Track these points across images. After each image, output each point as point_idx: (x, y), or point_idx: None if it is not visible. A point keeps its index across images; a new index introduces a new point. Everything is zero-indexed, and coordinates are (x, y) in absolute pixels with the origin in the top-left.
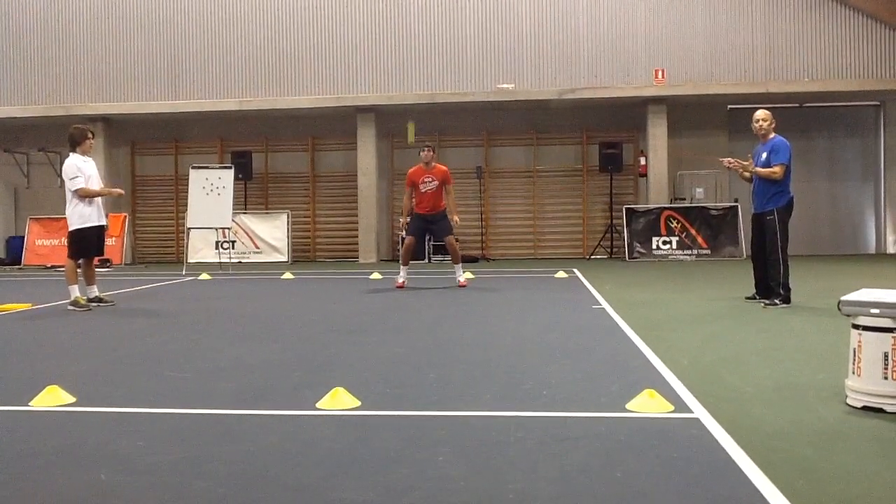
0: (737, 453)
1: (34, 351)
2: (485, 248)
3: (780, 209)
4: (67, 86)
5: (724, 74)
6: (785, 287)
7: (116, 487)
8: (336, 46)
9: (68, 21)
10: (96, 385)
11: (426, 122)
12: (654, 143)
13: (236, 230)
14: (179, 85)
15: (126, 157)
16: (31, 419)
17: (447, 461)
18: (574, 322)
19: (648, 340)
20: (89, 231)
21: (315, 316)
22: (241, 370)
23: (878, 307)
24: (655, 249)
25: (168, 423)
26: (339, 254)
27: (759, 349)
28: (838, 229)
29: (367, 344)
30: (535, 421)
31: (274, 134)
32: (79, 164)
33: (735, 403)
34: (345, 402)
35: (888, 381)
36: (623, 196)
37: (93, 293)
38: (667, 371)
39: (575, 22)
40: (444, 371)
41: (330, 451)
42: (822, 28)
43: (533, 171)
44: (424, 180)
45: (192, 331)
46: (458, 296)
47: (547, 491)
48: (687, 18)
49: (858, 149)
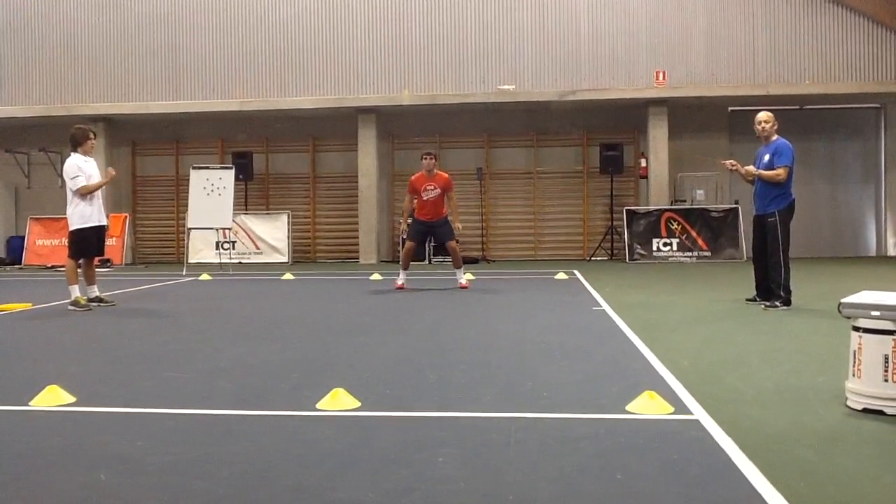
0: (737, 455)
1: (34, 351)
2: (485, 250)
3: (782, 211)
4: (68, 86)
5: (724, 76)
6: (786, 289)
7: (116, 487)
8: (337, 48)
9: (69, 21)
10: (96, 385)
11: (427, 124)
12: (654, 144)
13: (237, 231)
14: (180, 85)
15: (127, 158)
16: (32, 419)
17: (447, 462)
18: (574, 323)
19: (648, 342)
20: (90, 231)
21: (315, 317)
22: (241, 371)
23: (879, 309)
24: (656, 251)
25: (168, 424)
26: (340, 255)
27: (760, 351)
28: (839, 231)
29: (367, 345)
30: (535, 422)
31: (274, 135)
32: (80, 164)
33: (735, 405)
34: (345, 402)
35: (888, 383)
36: (623, 198)
37: (93, 293)
38: (667, 373)
39: (576, 23)
40: (445, 372)
41: (330, 451)
42: (822, 30)
43: (533, 172)
44: (427, 188)
45: (193, 331)
46: (458, 297)
47: (547, 492)
48: (688, 20)
49: (859, 151)
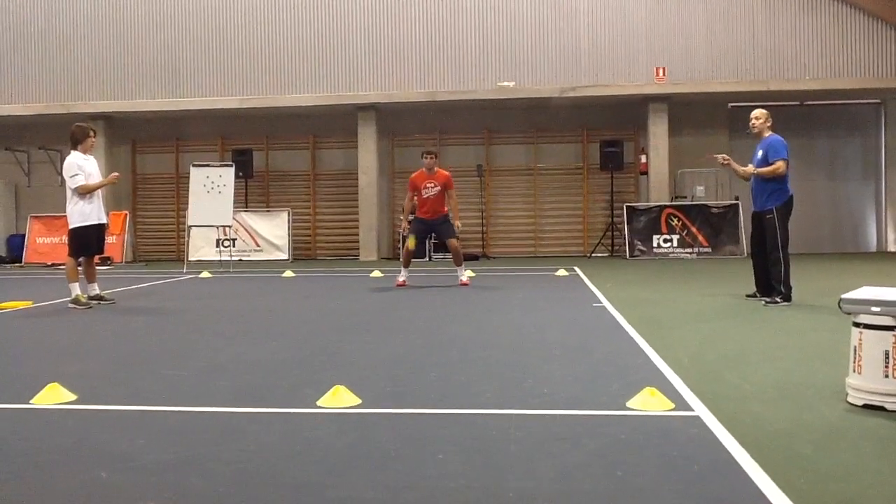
0: (737, 451)
1: (35, 349)
2: (485, 246)
3: (780, 207)
4: (68, 84)
5: (725, 73)
6: (786, 285)
7: (117, 485)
8: (337, 44)
9: (69, 19)
10: (97, 383)
11: (427, 121)
12: (654, 141)
13: (237, 228)
14: (180, 83)
15: (127, 155)
16: (33, 417)
17: (447, 459)
18: (575, 320)
19: (649, 338)
20: (89, 229)
21: (316, 314)
22: (241, 368)
23: (879, 305)
24: (656, 247)
25: (169, 421)
26: (340, 252)
27: (760, 347)
28: (839, 228)
29: (367, 342)
30: (535, 419)
31: (275, 132)
32: (79, 163)
33: (736, 401)
34: (345, 399)
35: (889, 379)
36: (624, 194)
37: (93, 291)
38: (667, 369)
39: (576, 19)
40: (445, 369)
41: (330, 448)
42: (822, 26)
43: (534, 169)
44: (427, 185)
45: (193, 329)
46: (458, 294)
47: (547, 489)
48: (688, 16)
49: (859, 147)
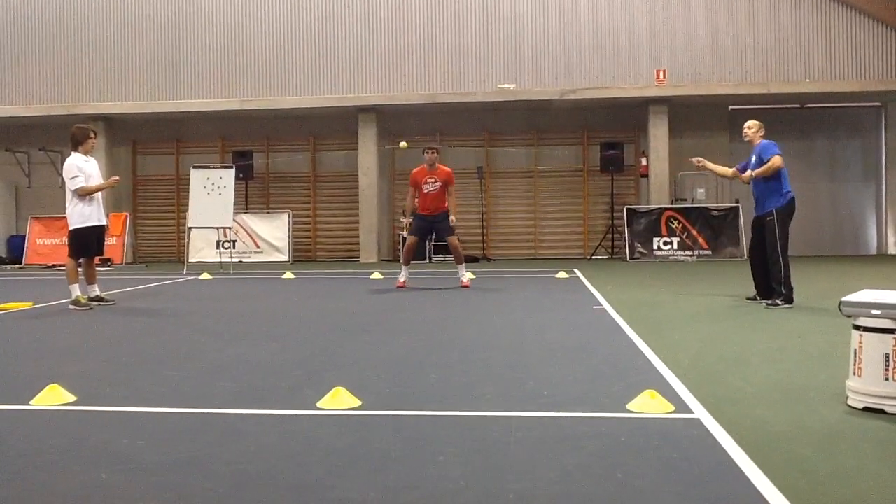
0: (737, 454)
1: (35, 350)
2: (485, 249)
3: (780, 209)
4: (69, 85)
5: (725, 75)
6: (787, 286)
7: (117, 486)
8: (337, 46)
9: (70, 20)
10: (97, 384)
11: (427, 122)
12: (655, 143)
13: (237, 230)
14: (181, 84)
15: (127, 157)
16: (32, 418)
17: (447, 461)
18: (575, 322)
19: (649, 341)
20: (89, 230)
21: (316, 315)
22: (241, 369)
23: (879, 308)
24: (656, 250)
25: (169, 423)
26: (340, 253)
27: (761, 350)
28: (839, 230)
29: (367, 343)
30: (535, 421)
31: (275, 133)
32: (79, 164)
33: (736, 404)
34: (345, 401)
35: (889, 382)
36: (624, 196)
37: (93, 292)
38: (668, 371)
39: (576, 22)
40: (445, 371)
41: (330, 450)
42: (823, 29)
43: (534, 171)
44: (427, 181)
45: (193, 330)
46: (458, 296)
47: (547, 491)
48: (688, 19)
49: (859, 149)
